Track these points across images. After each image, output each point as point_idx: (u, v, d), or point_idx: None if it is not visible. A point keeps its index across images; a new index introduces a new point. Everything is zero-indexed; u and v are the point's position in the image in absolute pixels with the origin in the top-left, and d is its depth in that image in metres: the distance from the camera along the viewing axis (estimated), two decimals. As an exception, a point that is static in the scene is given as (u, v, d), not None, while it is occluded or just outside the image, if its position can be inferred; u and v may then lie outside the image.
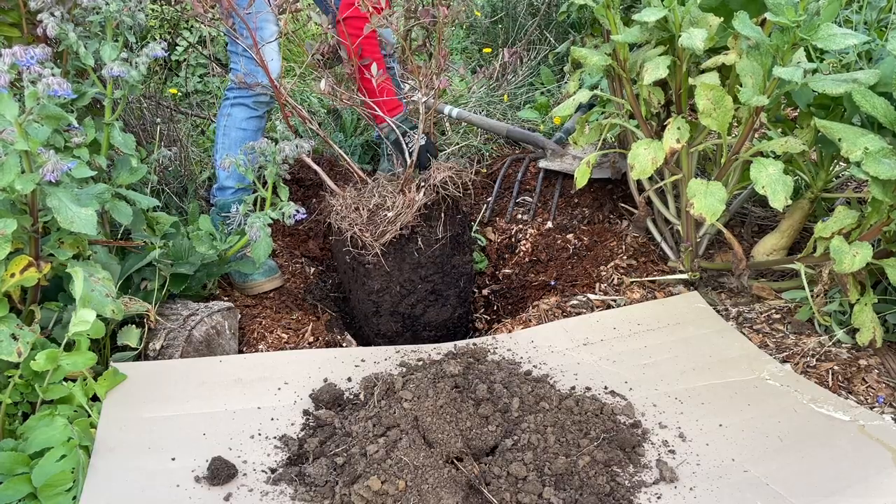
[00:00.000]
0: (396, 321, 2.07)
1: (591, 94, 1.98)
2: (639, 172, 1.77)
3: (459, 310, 2.17)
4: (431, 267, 2.04)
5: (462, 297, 2.16)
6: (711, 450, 1.48)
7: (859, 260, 1.55)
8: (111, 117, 1.70)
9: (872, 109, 1.56)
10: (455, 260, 2.09)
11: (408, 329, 2.10)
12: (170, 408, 1.54)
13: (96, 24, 1.66)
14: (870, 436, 1.44)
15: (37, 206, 1.46)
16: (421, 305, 2.06)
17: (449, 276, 2.09)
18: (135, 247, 1.79)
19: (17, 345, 1.38)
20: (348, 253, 1.99)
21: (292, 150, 1.78)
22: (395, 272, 2.00)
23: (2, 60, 1.32)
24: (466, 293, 2.20)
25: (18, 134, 1.33)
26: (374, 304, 2.05)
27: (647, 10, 1.72)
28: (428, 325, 2.11)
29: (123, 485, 1.33)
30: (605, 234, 2.43)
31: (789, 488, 1.33)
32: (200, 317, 1.75)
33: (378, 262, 1.95)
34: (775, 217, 2.27)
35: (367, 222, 1.94)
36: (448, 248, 2.05)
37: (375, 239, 1.92)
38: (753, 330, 1.88)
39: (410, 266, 2.01)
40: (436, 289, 2.08)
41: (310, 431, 1.53)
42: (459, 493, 1.34)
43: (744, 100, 1.63)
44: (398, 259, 1.98)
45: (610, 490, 1.37)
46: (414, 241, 1.98)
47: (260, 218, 1.79)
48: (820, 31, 1.57)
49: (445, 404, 1.48)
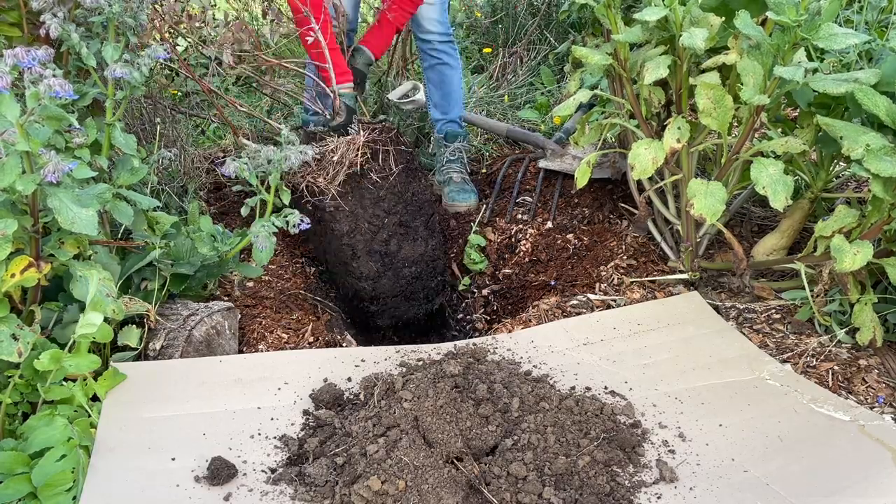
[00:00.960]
0: (375, 261, 2.17)
1: (591, 94, 1.98)
2: (639, 172, 1.77)
3: (431, 241, 2.27)
4: (392, 199, 2.19)
5: (430, 228, 2.28)
6: (711, 450, 1.48)
7: (860, 259, 1.55)
8: (112, 118, 1.70)
9: (874, 108, 1.56)
10: (412, 188, 2.22)
11: (388, 268, 2.20)
12: (170, 408, 1.54)
13: (98, 25, 1.66)
14: (870, 436, 1.44)
15: (37, 206, 1.46)
16: (394, 241, 2.18)
17: (411, 204, 2.22)
18: (135, 247, 1.80)
19: (18, 345, 1.38)
20: (308, 203, 2.08)
21: (297, 157, 1.79)
22: (359, 210, 2.12)
23: (3, 62, 1.32)
24: (433, 223, 2.32)
25: (20, 134, 1.33)
26: (348, 247, 2.16)
27: (648, 10, 1.72)
28: (406, 262, 2.22)
29: (123, 485, 1.33)
30: (605, 234, 2.43)
31: (789, 488, 1.33)
32: (200, 317, 1.76)
33: (339, 205, 2.08)
34: (775, 217, 2.27)
35: (317, 169, 2.08)
36: (403, 177, 2.18)
37: (329, 182, 2.06)
38: (753, 330, 1.88)
39: (371, 201, 2.13)
40: (402, 220, 2.20)
41: (310, 431, 1.53)
42: (459, 493, 1.34)
43: (745, 99, 1.63)
44: (358, 197, 2.11)
45: (610, 490, 1.37)
46: (367, 177, 2.11)
47: (265, 226, 1.80)
48: (821, 31, 1.57)
49: (445, 404, 1.48)
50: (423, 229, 2.26)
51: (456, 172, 2.82)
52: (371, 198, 2.15)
